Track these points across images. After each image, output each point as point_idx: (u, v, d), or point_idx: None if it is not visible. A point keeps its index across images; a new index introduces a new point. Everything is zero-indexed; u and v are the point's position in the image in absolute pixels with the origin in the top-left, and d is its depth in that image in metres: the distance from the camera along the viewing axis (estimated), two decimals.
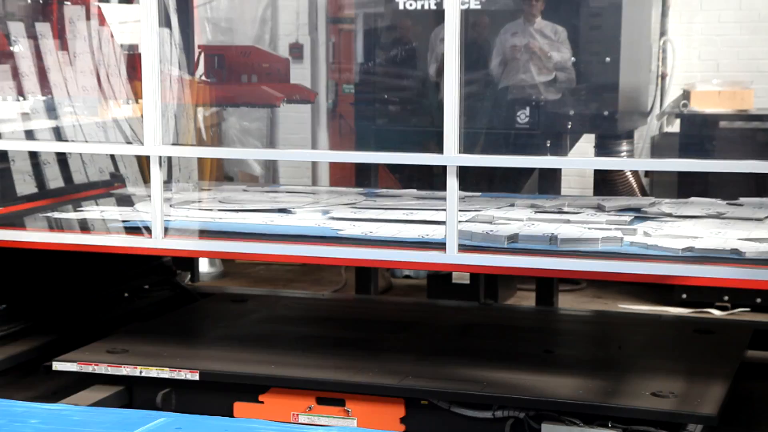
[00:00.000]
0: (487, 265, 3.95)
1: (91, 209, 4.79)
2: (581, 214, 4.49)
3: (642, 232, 4.09)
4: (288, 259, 4.47)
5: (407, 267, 4.11)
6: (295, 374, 4.23)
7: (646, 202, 4.84)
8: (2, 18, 5.11)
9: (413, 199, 5.00)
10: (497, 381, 4.09)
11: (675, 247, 3.74)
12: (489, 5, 4.83)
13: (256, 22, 6.94)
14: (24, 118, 4.96)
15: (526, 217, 4.39)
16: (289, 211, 4.69)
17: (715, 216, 4.44)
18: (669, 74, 6.96)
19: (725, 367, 4.27)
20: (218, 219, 4.53)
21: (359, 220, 4.45)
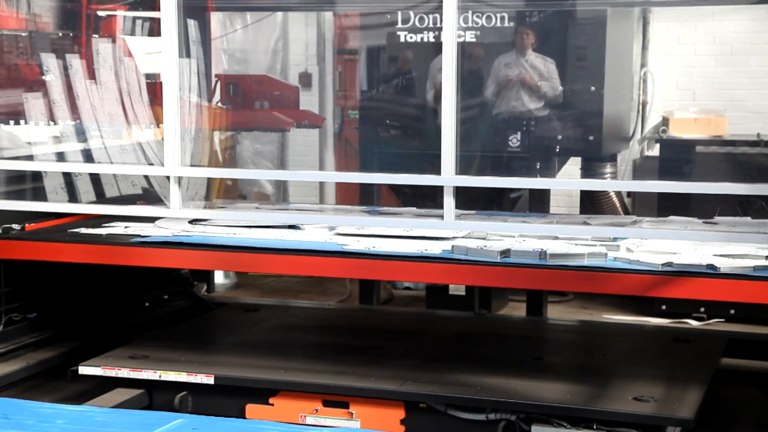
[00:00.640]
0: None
1: (115, 225, 4.79)
2: (569, 230, 4.43)
3: (625, 248, 4.09)
4: (297, 271, 4.48)
5: (407, 279, 4.07)
6: (302, 379, 4.22)
7: (629, 221, 4.82)
8: (35, 50, 5.13)
9: (413, 217, 4.96)
10: (490, 386, 4.08)
11: (655, 262, 3.75)
12: (483, 38, 4.84)
13: (268, 53, 6.96)
14: (54, 141, 4.97)
15: (517, 234, 4.39)
16: (297, 227, 4.67)
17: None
18: (649, 102, 6.97)
19: (701, 374, 4.26)
20: (233, 234, 4.52)
21: (363, 236, 4.44)
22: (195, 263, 4.46)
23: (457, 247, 4.05)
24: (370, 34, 5.59)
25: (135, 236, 4.52)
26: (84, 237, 4.56)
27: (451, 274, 4.01)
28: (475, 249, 3.98)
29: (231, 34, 6.17)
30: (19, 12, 5.11)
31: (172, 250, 4.32)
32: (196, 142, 4.88)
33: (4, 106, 4.97)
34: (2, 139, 5.01)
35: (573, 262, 3.84)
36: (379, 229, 4.53)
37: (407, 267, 4.02)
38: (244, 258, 4.25)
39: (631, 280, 3.74)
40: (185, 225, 4.74)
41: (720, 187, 3.86)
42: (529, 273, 3.86)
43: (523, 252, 3.94)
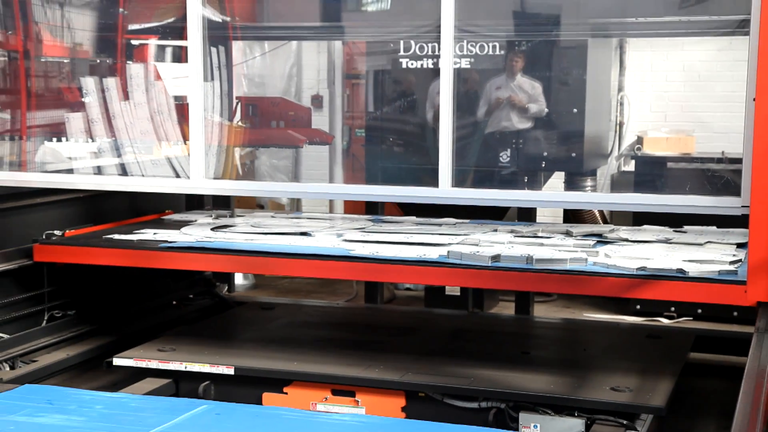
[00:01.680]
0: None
1: (145, 231, 4.82)
2: (553, 238, 4.50)
3: (603, 254, 4.11)
4: (308, 274, 4.39)
5: (407, 281, 4.06)
6: (313, 370, 4.22)
7: (607, 229, 4.83)
8: (76, 74, 5.14)
9: (413, 225, 5.00)
10: (482, 377, 4.08)
11: (630, 267, 3.76)
12: (477, 65, 4.82)
13: (284, 78, 6.96)
14: (93, 156, 4.97)
15: (507, 241, 4.40)
16: (309, 234, 4.68)
17: (663, 241, 4.46)
18: (625, 123, 6.98)
19: (672, 367, 4.25)
20: (250, 240, 4.52)
21: (368, 242, 4.45)
22: (216, 266, 4.47)
23: (452, 253, 4.06)
24: (375, 60, 5.59)
25: (163, 242, 4.52)
26: (117, 242, 4.58)
27: (446, 276, 4.02)
28: (469, 254, 3.98)
29: (250, 61, 6.17)
30: (62, 41, 5.13)
31: (196, 254, 4.34)
32: (218, 156, 4.89)
33: (49, 125, 4.98)
34: (46, 154, 5.03)
35: (556, 267, 3.85)
36: (383, 236, 4.54)
37: (407, 270, 4.03)
38: (261, 261, 4.26)
39: (608, 283, 3.74)
40: (208, 232, 4.75)
41: (689, 200, 3.86)
42: (517, 276, 3.88)
43: (511, 257, 3.95)
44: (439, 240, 4.43)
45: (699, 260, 3.88)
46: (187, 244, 4.44)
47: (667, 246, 4.34)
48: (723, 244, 4.36)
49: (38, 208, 5.05)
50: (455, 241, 4.37)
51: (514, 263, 3.92)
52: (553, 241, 4.43)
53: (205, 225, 5.04)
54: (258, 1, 5.58)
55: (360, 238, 4.55)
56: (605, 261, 3.93)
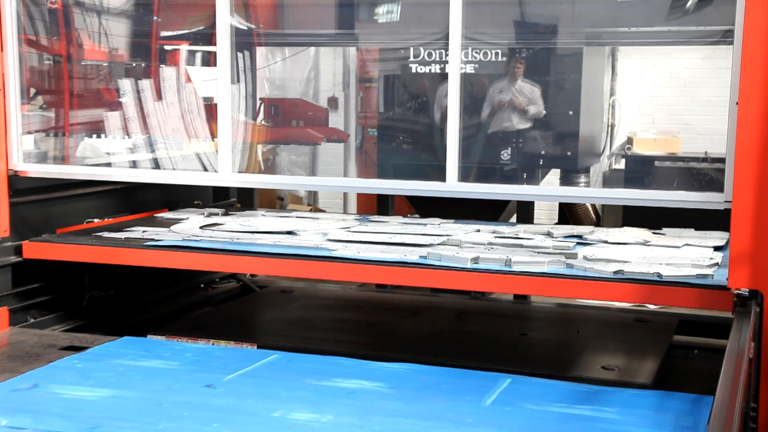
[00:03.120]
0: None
1: (135, 229, 4.65)
2: (533, 239, 4.34)
3: (582, 256, 3.94)
4: (288, 273, 4.13)
5: (386, 282, 3.90)
6: (329, 347, 4.22)
7: (587, 230, 4.69)
8: (114, 77, 5.16)
9: (398, 225, 4.85)
10: (483, 356, 4.09)
11: (607, 270, 3.60)
12: (481, 70, 4.83)
13: (303, 81, 6.98)
14: (128, 151, 4.99)
15: (487, 242, 4.24)
16: (294, 233, 4.52)
17: (642, 243, 4.32)
18: (616, 125, 6.97)
19: (657, 348, 4.26)
20: (236, 239, 4.33)
21: (351, 242, 4.28)
22: (197, 265, 4.14)
23: (432, 254, 3.90)
24: (386, 65, 5.59)
25: (149, 240, 4.34)
26: (104, 240, 4.39)
27: (425, 277, 3.80)
28: (448, 256, 3.83)
29: (272, 65, 6.18)
30: (101, 47, 5.14)
31: (178, 253, 4.13)
32: (243, 153, 4.90)
33: (89, 122, 5.00)
34: (86, 149, 5.05)
35: (534, 269, 3.69)
36: (367, 236, 4.38)
37: (387, 271, 3.84)
38: (241, 261, 4.06)
39: (585, 286, 3.58)
40: (196, 230, 4.58)
41: (675, 195, 3.84)
42: (496, 278, 3.70)
43: (490, 259, 3.79)
44: (422, 241, 4.25)
45: (676, 264, 3.73)
46: (171, 243, 4.24)
47: (646, 248, 4.18)
48: (700, 247, 4.21)
49: (79, 198, 5.08)
50: (437, 242, 4.21)
51: (493, 265, 3.76)
52: (533, 242, 4.26)
53: (194, 223, 4.84)
54: (280, 11, 5.59)
55: (344, 237, 4.37)
56: (583, 264, 3.74)
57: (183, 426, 3.05)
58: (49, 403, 3.28)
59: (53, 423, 3.09)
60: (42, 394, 3.41)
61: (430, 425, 3.05)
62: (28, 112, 4.74)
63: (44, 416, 3.14)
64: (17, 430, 3.02)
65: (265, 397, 3.35)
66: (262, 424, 3.06)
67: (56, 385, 3.48)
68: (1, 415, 3.13)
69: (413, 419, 3.11)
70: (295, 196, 9.03)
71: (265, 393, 3.39)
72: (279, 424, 3.07)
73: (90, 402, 3.30)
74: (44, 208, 4.84)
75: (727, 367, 2.75)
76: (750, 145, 3.28)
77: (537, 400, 3.30)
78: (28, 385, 3.51)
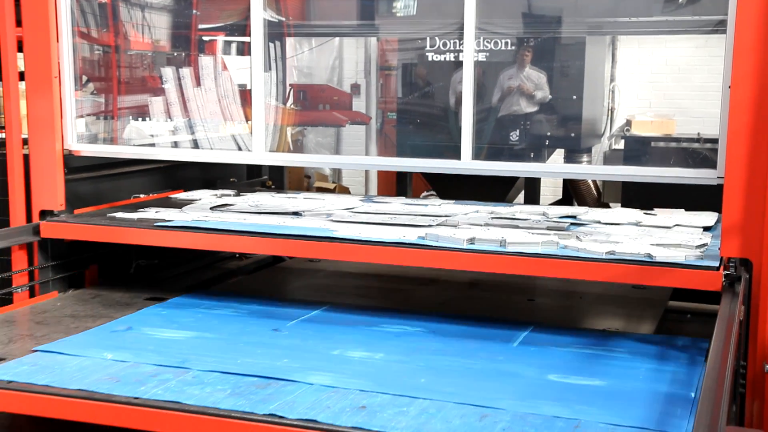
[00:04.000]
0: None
1: (148, 210, 4.53)
2: (529, 220, 4.25)
3: (575, 237, 3.83)
4: (290, 253, 4.05)
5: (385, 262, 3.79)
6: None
7: (582, 210, 4.61)
8: (157, 65, 5.19)
9: (400, 205, 4.79)
10: (496, 317, 4.11)
11: (599, 251, 3.49)
12: (492, 58, 4.82)
13: (328, 69, 6.97)
14: (170, 133, 5.03)
15: (484, 222, 4.15)
16: (299, 214, 4.43)
17: (634, 223, 4.23)
18: (616, 108, 6.92)
19: (654, 312, 4.28)
20: (242, 220, 4.22)
21: (353, 222, 4.19)
22: (203, 244, 4.03)
23: (429, 235, 3.79)
24: (405, 54, 5.58)
25: (160, 220, 4.22)
26: (117, 221, 4.27)
27: (422, 258, 3.67)
28: (445, 237, 3.71)
29: (301, 54, 6.18)
30: (145, 38, 5.17)
31: (186, 233, 4.02)
32: (274, 134, 4.92)
33: (135, 107, 5.04)
34: (132, 132, 5.09)
35: (528, 250, 3.57)
36: (368, 217, 4.30)
37: (385, 251, 3.70)
38: (245, 240, 3.93)
39: (577, 266, 3.45)
40: (206, 212, 4.49)
41: (672, 171, 3.84)
42: (490, 258, 3.56)
43: (486, 240, 3.68)
44: (421, 221, 4.17)
45: (667, 245, 3.62)
46: (181, 224, 4.12)
47: (638, 229, 4.09)
48: (690, 227, 4.12)
49: (126, 176, 5.13)
50: (435, 223, 4.12)
51: (488, 246, 3.64)
52: (528, 223, 4.16)
53: (206, 204, 4.74)
54: (307, 4, 5.59)
55: (346, 218, 4.26)
56: (576, 244, 3.61)
57: (257, 361, 3.36)
58: (143, 342, 3.62)
59: (149, 357, 3.41)
60: (136, 334, 3.75)
61: (467, 361, 3.41)
62: (81, 97, 4.78)
63: (141, 352, 3.47)
64: (120, 362, 3.36)
65: (324, 338, 3.68)
66: (325, 360, 3.39)
67: (147, 328, 3.83)
68: (106, 351, 3.48)
69: (452, 357, 3.46)
70: (321, 174, 9.05)
71: (323, 336, 3.72)
72: (339, 360, 3.40)
73: (177, 341, 3.63)
74: (95, 185, 4.89)
75: (719, 328, 2.77)
76: (741, 125, 3.29)
77: (557, 342, 3.67)
78: (124, 327, 3.85)
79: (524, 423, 2.80)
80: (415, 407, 2.91)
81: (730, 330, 2.73)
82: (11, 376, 3.20)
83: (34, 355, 3.46)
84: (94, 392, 3.05)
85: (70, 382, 3.13)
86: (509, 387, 3.12)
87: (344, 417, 2.82)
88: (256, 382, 3.13)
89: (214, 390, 3.05)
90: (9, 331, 3.79)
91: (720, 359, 2.48)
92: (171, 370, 3.26)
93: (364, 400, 2.97)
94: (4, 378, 3.20)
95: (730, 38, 3.41)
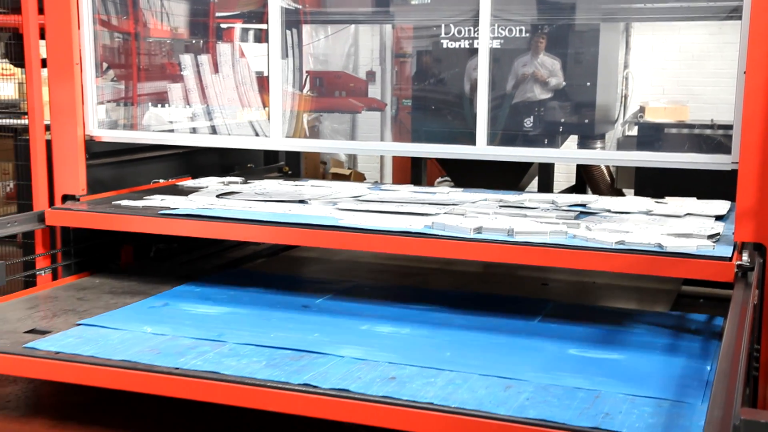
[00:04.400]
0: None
1: (153, 198, 4.44)
2: (538, 209, 4.12)
3: (584, 226, 3.68)
4: (295, 242, 3.87)
5: (391, 251, 3.67)
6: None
7: (592, 199, 4.48)
8: (175, 52, 5.19)
9: (408, 193, 4.69)
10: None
11: (609, 241, 3.34)
12: (506, 45, 4.80)
13: (344, 56, 6.95)
14: (189, 119, 5.04)
15: (492, 211, 4.02)
16: (306, 202, 4.33)
17: (645, 212, 4.08)
18: (630, 95, 6.88)
19: (667, 297, 4.27)
20: (248, 208, 4.11)
21: (359, 211, 4.05)
22: (206, 233, 3.92)
23: (436, 224, 3.65)
24: (419, 42, 5.57)
25: (165, 208, 4.11)
26: (122, 209, 4.17)
27: (428, 247, 3.53)
28: (452, 226, 3.58)
29: (317, 42, 6.18)
30: (164, 25, 5.18)
31: (190, 221, 3.91)
32: (291, 120, 4.93)
33: (154, 93, 5.06)
34: (151, 118, 5.11)
35: (536, 239, 3.43)
36: (375, 205, 4.18)
37: (391, 240, 3.57)
38: (249, 229, 3.82)
39: (586, 256, 3.31)
40: (212, 199, 4.38)
41: (687, 157, 3.82)
42: (498, 248, 3.44)
43: (493, 229, 3.55)
44: (428, 210, 4.04)
45: (678, 234, 3.47)
46: (185, 212, 4.01)
47: (648, 218, 3.95)
48: (702, 216, 3.98)
49: (146, 161, 5.16)
50: (442, 211, 3.99)
51: (495, 235, 3.51)
52: (536, 212, 4.02)
53: (212, 192, 4.67)
54: None
55: (352, 207, 4.14)
56: (585, 234, 3.46)
57: (290, 335, 3.50)
58: (181, 317, 3.77)
59: (187, 331, 3.55)
60: (173, 310, 3.89)
61: (491, 336, 3.53)
62: (101, 84, 4.80)
63: (179, 326, 3.63)
64: (160, 335, 3.53)
65: (352, 314, 3.82)
66: (354, 334, 3.53)
67: (183, 304, 3.98)
68: (146, 325, 3.64)
69: (476, 332, 3.58)
70: (336, 160, 9.05)
71: (352, 312, 3.87)
72: (368, 334, 3.54)
73: (212, 316, 3.79)
74: (115, 170, 4.92)
75: (733, 312, 2.76)
76: (755, 111, 3.27)
77: (576, 319, 3.79)
78: (161, 303, 4.01)
79: (547, 393, 2.89)
80: (442, 378, 3.03)
81: (744, 314, 2.72)
82: (58, 348, 3.37)
83: (78, 328, 3.63)
84: (137, 363, 3.20)
85: (114, 354, 3.29)
86: (531, 360, 3.24)
87: (375, 387, 2.94)
88: (289, 354, 3.28)
89: (250, 361, 3.19)
90: (53, 306, 3.96)
91: (734, 343, 2.48)
92: (208, 343, 3.42)
93: (393, 371, 3.09)
94: (52, 349, 3.36)
95: (746, 24, 3.39)
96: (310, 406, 2.93)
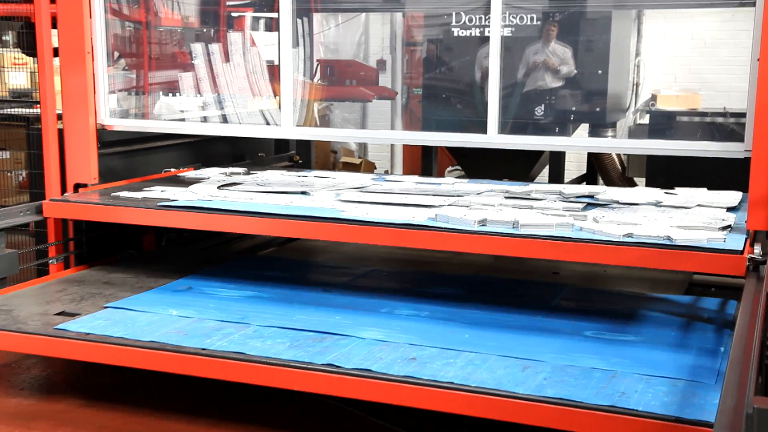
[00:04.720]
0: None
1: (153, 189, 4.34)
2: (544, 200, 4.00)
3: (592, 218, 3.56)
4: (296, 234, 3.83)
5: (393, 244, 3.60)
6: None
7: (600, 190, 4.35)
8: (186, 41, 5.18)
9: (413, 184, 4.61)
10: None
11: (616, 233, 3.24)
12: (518, 33, 4.76)
13: (354, 45, 6.93)
14: (200, 108, 5.04)
15: (497, 203, 3.90)
16: (308, 193, 4.23)
17: (654, 203, 3.96)
18: (641, 83, 6.82)
19: (680, 285, 4.24)
20: (249, 200, 3.99)
21: (361, 202, 3.95)
22: (207, 225, 3.83)
23: (440, 216, 3.53)
24: (430, 30, 5.53)
25: (165, 200, 4.01)
26: (121, 200, 4.08)
27: (432, 240, 3.43)
28: (456, 218, 3.46)
29: (327, 30, 6.15)
30: (175, 14, 5.16)
31: (189, 214, 3.83)
32: (301, 109, 4.91)
33: (165, 82, 5.05)
34: (162, 107, 5.10)
35: (542, 232, 3.32)
36: (378, 196, 4.08)
37: (394, 233, 3.48)
38: (250, 221, 3.73)
39: (593, 250, 3.21)
40: (213, 191, 4.26)
41: (700, 145, 3.78)
42: (502, 240, 3.32)
43: (498, 221, 3.44)
44: (432, 201, 3.93)
45: (688, 227, 3.33)
46: (185, 204, 3.91)
47: (657, 209, 3.81)
48: (713, 208, 3.83)
49: (157, 150, 5.15)
50: (447, 203, 3.88)
51: (500, 227, 3.39)
52: (543, 203, 3.90)
53: (213, 183, 4.55)
54: None
55: (355, 198, 4.03)
56: (592, 226, 3.36)
57: (312, 317, 3.57)
58: (205, 300, 3.87)
59: (212, 314, 3.64)
60: (197, 293, 3.99)
61: (508, 319, 3.59)
62: (113, 73, 4.79)
63: (203, 309, 3.72)
64: (186, 318, 3.61)
65: (371, 298, 3.89)
66: (374, 317, 3.62)
67: (206, 288, 4.08)
68: (171, 308, 3.73)
69: (494, 314, 3.64)
70: (347, 149, 9.02)
71: (372, 294, 3.95)
72: (388, 317, 3.63)
73: (235, 299, 3.87)
74: (127, 159, 4.92)
75: (745, 301, 2.73)
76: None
77: (591, 302, 3.85)
78: (185, 287, 4.10)
79: (564, 373, 2.94)
80: (461, 359, 3.09)
81: (756, 303, 2.69)
82: (88, 329, 3.45)
83: (106, 311, 3.73)
84: (165, 344, 3.28)
85: (142, 335, 3.37)
86: (548, 342, 3.29)
87: (396, 367, 3.00)
88: (312, 336, 3.35)
89: (274, 343, 3.26)
90: (80, 290, 4.05)
91: (746, 332, 2.45)
92: (232, 325, 3.49)
93: (414, 352, 3.15)
94: (82, 330, 3.44)
95: (759, 11, 3.34)
96: (334, 386, 3.00)
